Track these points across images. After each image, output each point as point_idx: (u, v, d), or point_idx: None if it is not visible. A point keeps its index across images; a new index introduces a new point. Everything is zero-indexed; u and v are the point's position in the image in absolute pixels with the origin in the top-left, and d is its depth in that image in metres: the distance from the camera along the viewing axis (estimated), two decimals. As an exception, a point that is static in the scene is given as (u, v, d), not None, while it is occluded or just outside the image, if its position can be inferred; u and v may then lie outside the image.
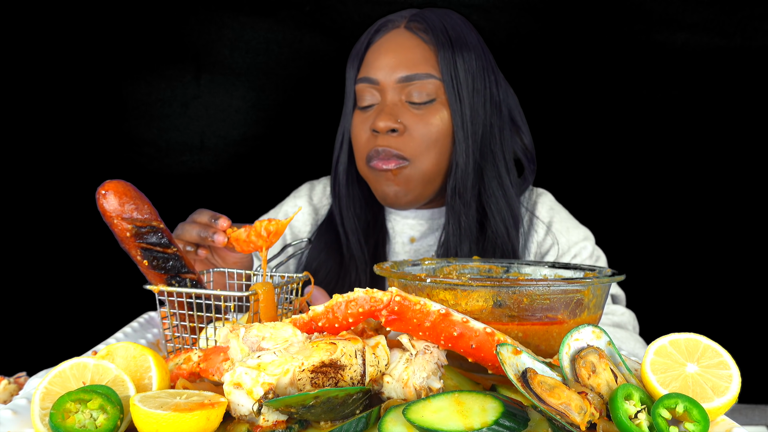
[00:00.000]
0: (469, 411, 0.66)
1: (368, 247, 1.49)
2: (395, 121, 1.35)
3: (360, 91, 1.42)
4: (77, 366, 0.75)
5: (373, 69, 1.39)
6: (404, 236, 1.52)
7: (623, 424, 0.66)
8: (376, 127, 1.35)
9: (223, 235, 1.08)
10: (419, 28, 1.39)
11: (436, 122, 1.37)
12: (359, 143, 1.42)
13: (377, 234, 1.52)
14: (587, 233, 1.52)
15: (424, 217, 1.51)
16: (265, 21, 2.35)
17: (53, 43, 2.29)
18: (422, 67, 1.36)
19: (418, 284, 0.89)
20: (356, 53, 1.45)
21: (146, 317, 1.19)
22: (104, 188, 0.92)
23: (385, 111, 1.36)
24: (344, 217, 1.49)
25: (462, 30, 1.41)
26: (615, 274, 0.92)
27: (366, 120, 1.40)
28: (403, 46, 1.38)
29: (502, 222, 1.40)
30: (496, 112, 1.42)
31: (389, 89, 1.37)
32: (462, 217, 1.39)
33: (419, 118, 1.36)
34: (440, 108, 1.37)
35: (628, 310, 1.44)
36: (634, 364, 0.81)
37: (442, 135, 1.37)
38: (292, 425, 0.71)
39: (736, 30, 2.25)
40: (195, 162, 2.41)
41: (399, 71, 1.36)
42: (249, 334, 0.78)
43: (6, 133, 2.31)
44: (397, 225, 1.53)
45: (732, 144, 2.32)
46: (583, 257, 1.48)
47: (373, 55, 1.40)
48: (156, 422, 0.66)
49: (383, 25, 1.43)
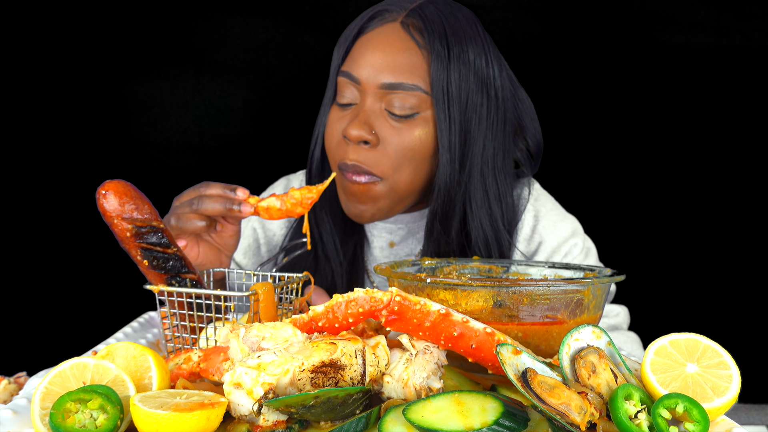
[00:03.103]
0: (469, 411, 0.66)
1: (345, 251, 1.38)
2: (369, 132, 1.22)
3: (341, 85, 1.28)
4: (77, 366, 0.75)
5: (357, 65, 1.25)
6: (383, 240, 1.44)
7: (623, 424, 0.66)
8: (347, 134, 1.23)
9: (250, 205, 1.05)
10: (416, 27, 1.24)
11: (414, 138, 1.22)
12: (331, 146, 1.30)
13: (355, 237, 1.43)
14: (574, 225, 1.42)
15: (404, 221, 1.42)
16: (265, 21, 2.35)
17: (54, 43, 2.29)
18: (409, 76, 1.21)
19: (418, 284, 0.89)
20: (344, 39, 1.32)
21: (146, 317, 1.19)
22: (104, 188, 0.92)
23: (360, 118, 1.23)
24: (318, 217, 1.37)
25: (466, 34, 1.25)
26: (615, 274, 0.92)
27: (341, 120, 1.28)
28: (393, 47, 1.23)
29: (485, 247, 1.29)
30: (500, 127, 1.28)
31: (370, 93, 1.23)
32: (442, 244, 1.29)
33: (396, 132, 1.22)
34: (422, 123, 1.23)
35: (621, 308, 1.40)
36: (634, 364, 0.81)
37: (420, 153, 1.24)
38: (292, 425, 0.71)
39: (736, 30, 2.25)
40: (195, 162, 2.41)
41: (383, 76, 1.22)
42: (249, 334, 0.78)
43: (7, 133, 2.31)
44: (375, 228, 1.43)
45: (732, 144, 2.32)
46: (575, 255, 1.40)
47: (360, 49, 1.26)
48: (156, 422, 0.66)
49: (378, 13, 1.29)
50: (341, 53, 1.31)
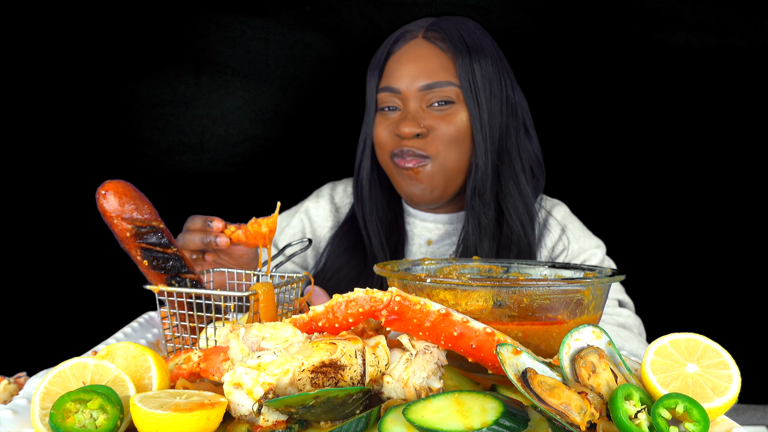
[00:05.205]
0: (469, 411, 0.66)
1: (389, 248, 1.54)
2: (419, 126, 1.41)
3: (382, 99, 1.48)
4: (77, 366, 0.75)
5: (394, 79, 1.45)
6: (422, 238, 1.58)
7: (623, 424, 0.66)
8: (401, 132, 1.41)
9: (225, 236, 1.12)
10: (437, 38, 1.45)
11: (457, 122, 1.42)
12: (383, 141, 1.47)
13: (396, 235, 1.58)
14: (599, 243, 1.56)
15: (442, 221, 1.57)
16: (265, 21, 2.35)
17: (54, 43, 2.29)
18: (442, 75, 1.42)
19: (418, 284, 0.89)
20: (376, 63, 1.51)
21: (146, 317, 1.19)
22: (104, 188, 0.92)
23: (409, 117, 1.42)
24: (367, 221, 1.55)
25: (478, 37, 1.46)
26: (615, 274, 0.92)
27: (389, 124, 1.46)
28: (423, 56, 1.44)
29: (518, 219, 1.45)
30: (512, 114, 1.48)
31: (411, 97, 1.43)
32: (482, 216, 1.45)
33: (441, 119, 1.42)
34: (460, 110, 1.43)
35: (634, 315, 1.46)
36: (634, 364, 0.81)
37: (462, 134, 1.43)
38: (292, 425, 0.71)
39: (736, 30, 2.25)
40: (195, 162, 2.41)
41: (420, 80, 1.42)
42: (249, 334, 0.78)
43: (6, 133, 2.31)
44: (415, 228, 1.59)
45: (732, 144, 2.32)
46: (592, 263, 1.51)
47: (394, 65, 1.46)
48: (156, 422, 0.66)
49: (401, 35, 1.49)
50: (376, 75, 1.50)
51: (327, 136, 2.36)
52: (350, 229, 1.59)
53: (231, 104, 2.40)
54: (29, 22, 2.27)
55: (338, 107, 1.53)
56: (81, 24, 2.30)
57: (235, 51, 2.36)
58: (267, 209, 1.71)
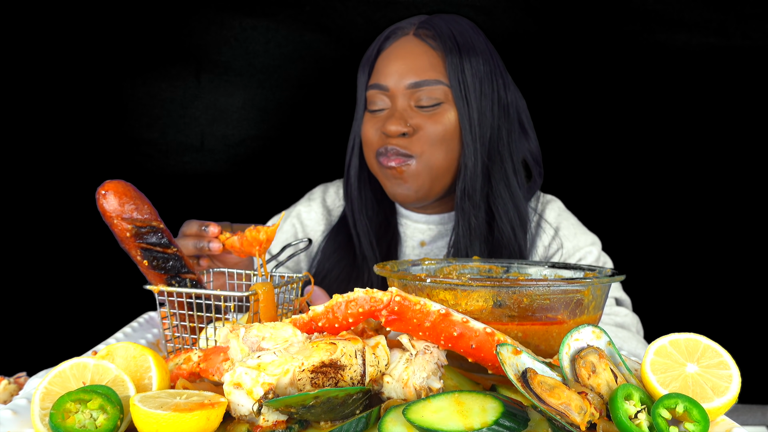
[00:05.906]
0: (469, 411, 0.66)
1: (380, 249, 1.52)
2: (405, 125, 1.38)
3: (371, 97, 1.45)
4: (77, 366, 0.75)
5: (383, 76, 1.42)
6: (415, 240, 1.56)
7: (623, 424, 0.66)
8: (387, 131, 1.39)
9: (218, 242, 1.12)
10: (427, 35, 1.42)
11: (445, 121, 1.40)
12: (370, 141, 1.46)
13: (389, 236, 1.56)
14: (594, 239, 1.54)
15: (435, 222, 1.55)
16: (265, 21, 2.35)
17: (54, 43, 2.29)
18: (430, 74, 1.40)
19: (418, 284, 0.89)
20: (367, 60, 1.49)
21: (146, 317, 1.19)
22: (104, 188, 0.92)
23: (395, 116, 1.40)
24: (357, 220, 1.53)
25: (470, 35, 1.44)
26: (615, 274, 0.92)
27: (376, 122, 1.44)
28: (412, 53, 1.41)
29: (508, 223, 1.43)
30: (504, 115, 1.45)
31: (399, 95, 1.41)
32: (472, 218, 1.42)
33: (428, 118, 1.40)
34: (448, 109, 1.41)
35: (632, 313, 1.46)
36: (634, 364, 0.81)
37: (450, 134, 1.40)
38: (292, 425, 0.71)
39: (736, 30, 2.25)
40: (195, 162, 2.41)
41: (408, 78, 1.40)
42: (249, 334, 0.78)
43: (7, 133, 2.31)
44: (408, 229, 1.57)
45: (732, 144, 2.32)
46: (589, 261, 1.50)
47: (383, 62, 1.44)
48: (156, 422, 0.66)
49: (393, 32, 1.47)
50: (366, 72, 1.48)
51: (327, 136, 2.36)
52: (341, 231, 1.57)
53: (231, 104, 2.40)
54: (29, 23, 2.27)
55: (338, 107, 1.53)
56: (81, 24, 2.30)
57: (235, 51, 2.36)
58: (267, 209, 1.72)
